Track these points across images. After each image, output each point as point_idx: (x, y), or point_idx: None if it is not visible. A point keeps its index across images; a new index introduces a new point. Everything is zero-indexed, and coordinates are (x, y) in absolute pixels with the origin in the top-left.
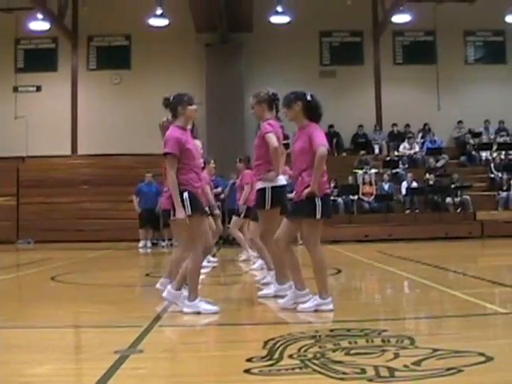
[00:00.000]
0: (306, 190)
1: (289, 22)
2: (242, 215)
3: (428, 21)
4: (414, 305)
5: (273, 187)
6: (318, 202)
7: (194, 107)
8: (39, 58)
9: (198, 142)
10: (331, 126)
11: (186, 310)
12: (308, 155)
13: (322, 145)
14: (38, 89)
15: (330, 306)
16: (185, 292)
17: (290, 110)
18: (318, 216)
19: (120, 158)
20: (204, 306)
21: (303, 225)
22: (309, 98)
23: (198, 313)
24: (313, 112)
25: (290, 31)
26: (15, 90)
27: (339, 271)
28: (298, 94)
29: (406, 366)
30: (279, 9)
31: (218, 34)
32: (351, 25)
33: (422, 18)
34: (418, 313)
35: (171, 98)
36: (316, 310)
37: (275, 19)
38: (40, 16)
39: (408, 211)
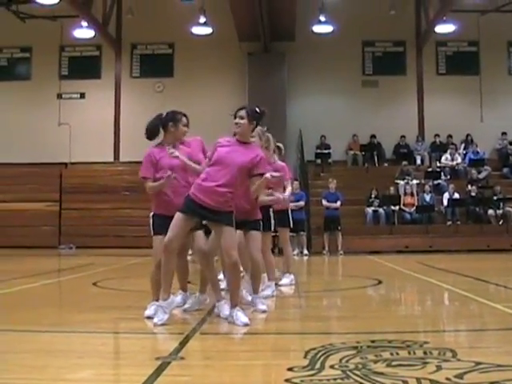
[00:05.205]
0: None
1: (331, 32)
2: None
3: (472, 31)
4: (454, 317)
5: None
6: None
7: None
8: (83, 66)
9: None
10: (373, 136)
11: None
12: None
13: None
14: (82, 96)
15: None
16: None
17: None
18: None
19: None
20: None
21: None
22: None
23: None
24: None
25: (333, 40)
26: (59, 96)
27: (380, 282)
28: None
29: (448, 378)
30: (322, 18)
31: (261, 43)
32: (394, 34)
33: (466, 28)
34: (459, 325)
35: None
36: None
37: (318, 28)
38: (84, 24)
39: (449, 223)
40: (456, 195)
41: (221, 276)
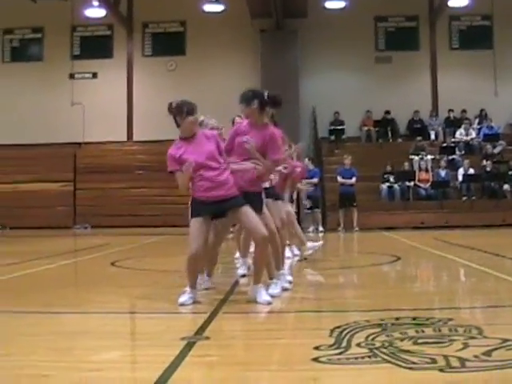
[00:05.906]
0: None
1: (344, 7)
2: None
3: (485, 5)
4: (476, 293)
5: None
6: None
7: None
8: (95, 45)
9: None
10: (387, 112)
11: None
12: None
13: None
14: (94, 75)
15: None
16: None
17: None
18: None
19: None
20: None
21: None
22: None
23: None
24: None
25: (345, 16)
26: (71, 76)
27: (398, 258)
28: (256, 93)
29: (476, 356)
30: None
31: (273, 20)
32: (407, 9)
33: (479, 2)
34: (482, 301)
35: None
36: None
37: (330, 4)
38: (96, 3)
39: (464, 198)
40: (471, 170)
41: (237, 255)
